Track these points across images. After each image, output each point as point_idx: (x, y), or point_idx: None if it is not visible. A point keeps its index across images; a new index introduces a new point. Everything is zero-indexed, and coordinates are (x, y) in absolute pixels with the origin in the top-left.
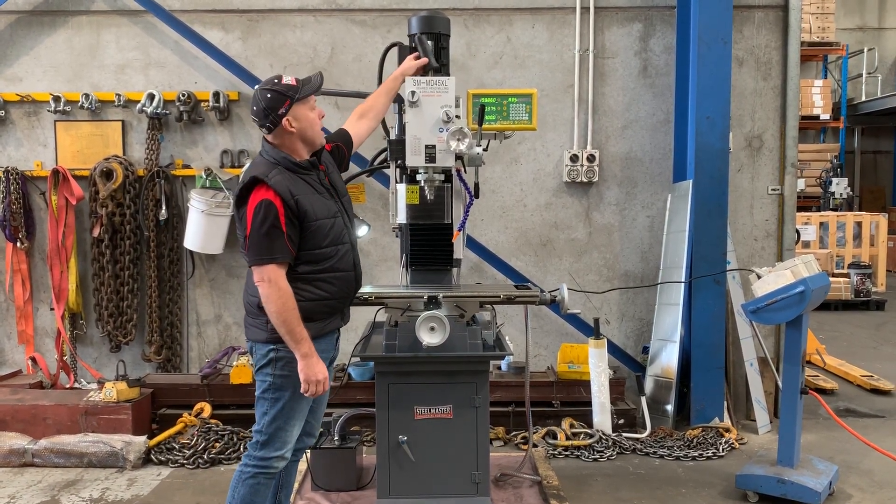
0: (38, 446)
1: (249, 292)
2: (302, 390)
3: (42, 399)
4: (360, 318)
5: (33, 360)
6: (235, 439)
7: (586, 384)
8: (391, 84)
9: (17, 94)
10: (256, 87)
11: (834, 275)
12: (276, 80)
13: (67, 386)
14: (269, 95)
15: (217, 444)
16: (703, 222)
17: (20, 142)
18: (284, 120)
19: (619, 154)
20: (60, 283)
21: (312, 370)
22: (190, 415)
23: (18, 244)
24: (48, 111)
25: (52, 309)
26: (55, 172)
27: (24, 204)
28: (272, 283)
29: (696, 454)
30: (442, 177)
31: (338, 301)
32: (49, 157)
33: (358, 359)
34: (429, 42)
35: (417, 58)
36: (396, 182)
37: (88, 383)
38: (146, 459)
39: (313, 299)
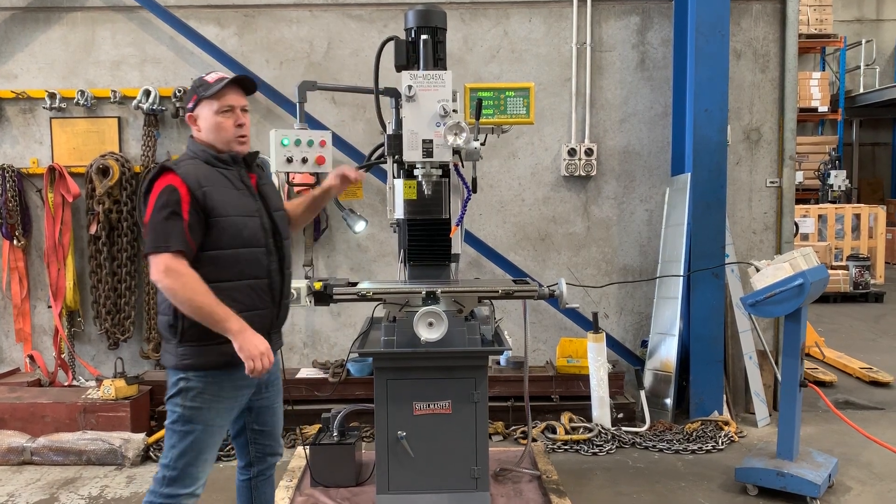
0: (36, 444)
1: (160, 310)
2: (247, 371)
3: (40, 397)
4: (358, 314)
5: (31, 357)
6: None
7: (585, 378)
8: (316, 203)
9: (13, 91)
10: None
11: (832, 267)
12: (203, 75)
13: (66, 383)
14: (189, 89)
15: None
16: (701, 215)
17: (16, 139)
18: (188, 116)
19: (617, 148)
20: (58, 281)
21: (250, 343)
22: None
23: (15, 242)
24: (44, 108)
25: (49, 307)
26: (51, 170)
27: (20, 201)
28: (171, 273)
29: (696, 448)
30: (439, 171)
31: (251, 314)
32: (45, 154)
33: (356, 355)
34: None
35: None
36: (394, 177)
37: (87, 381)
38: (145, 457)
39: None
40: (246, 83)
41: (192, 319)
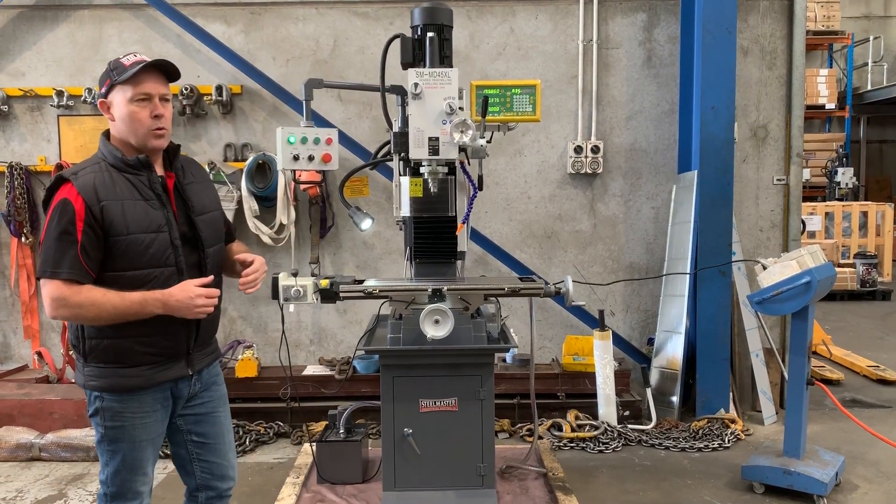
0: (44, 440)
1: (68, 325)
2: (200, 318)
3: (48, 393)
4: (364, 312)
5: (39, 354)
6: (241, 433)
7: (591, 376)
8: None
9: (21, 89)
10: None
11: (840, 265)
12: (120, 57)
13: (73, 380)
14: (103, 73)
15: None
16: (708, 213)
17: (24, 137)
18: (100, 103)
19: (624, 145)
20: None
21: (184, 306)
22: None
23: (23, 239)
24: (51, 106)
25: None
26: (59, 167)
27: (28, 199)
28: (60, 304)
29: (702, 445)
30: (445, 169)
31: (163, 338)
32: (53, 151)
33: (363, 352)
34: None
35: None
36: (400, 175)
37: None
38: None
39: (129, 335)
40: (168, 68)
41: (93, 341)
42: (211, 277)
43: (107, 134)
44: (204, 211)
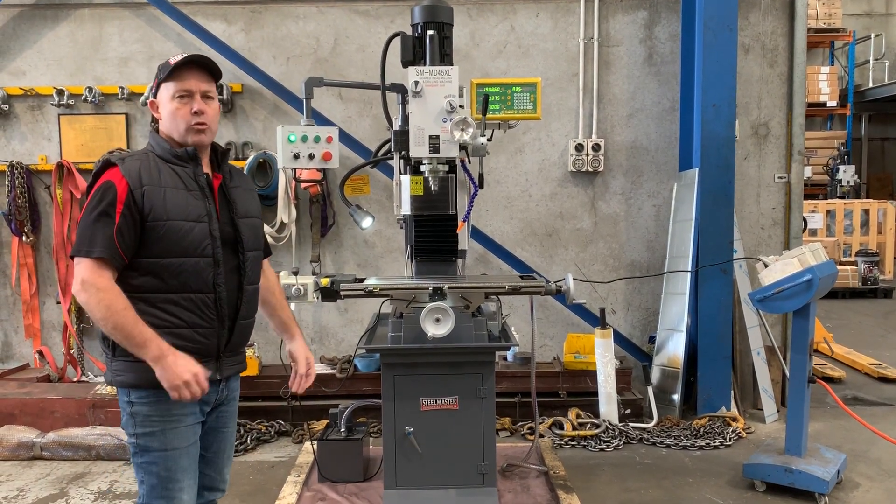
0: (46, 439)
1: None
2: (173, 398)
3: (50, 392)
4: (365, 310)
5: (40, 353)
6: (242, 431)
7: (592, 374)
8: (277, 326)
9: (21, 88)
10: None
11: (841, 263)
12: (171, 57)
13: (75, 379)
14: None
15: None
16: (709, 211)
17: (24, 136)
18: (150, 102)
19: (625, 143)
20: (66, 277)
21: (170, 372)
22: None
23: (24, 238)
24: (52, 105)
25: (58, 302)
26: (60, 166)
27: (29, 198)
28: (87, 286)
29: (703, 444)
30: (446, 167)
31: (195, 332)
32: (53, 150)
33: (364, 350)
34: None
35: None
36: (400, 173)
37: (96, 376)
38: None
39: (159, 326)
40: (210, 65)
41: None
42: (208, 373)
43: (156, 129)
44: (247, 215)
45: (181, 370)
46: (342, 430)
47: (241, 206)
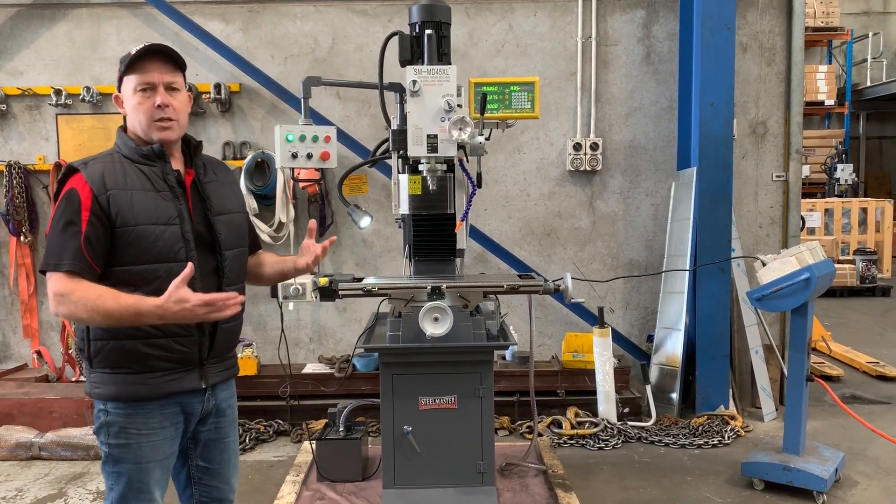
0: (44, 439)
1: (73, 330)
2: (217, 318)
3: (48, 392)
4: (364, 310)
5: (39, 353)
6: (241, 431)
7: (591, 373)
8: (288, 274)
9: (19, 88)
10: None
11: (839, 261)
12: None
13: (73, 379)
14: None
15: None
16: (707, 210)
17: (22, 136)
18: (114, 97)
19: (623, 142)
20: None
21: (176, 318)
22: None
23: (22, 238)
24: (49, 105)
25: None
26: (57, 166)
27: (26, 198)
28: (60, 300)
29: (702, 442)
30: (444, 167)
31: (172, 341)
32: (51, 150)
33: (362, 350)
34: None
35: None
36: (398, 172)
37: None
38: None
39: (136, 337)
40: (171, 54)
41: (98, 343)
42: (190, 266)
43: (124, 127)
44: (223, 211)
45: (177, 299)
46: (341, 429)
47: (217, 203)
